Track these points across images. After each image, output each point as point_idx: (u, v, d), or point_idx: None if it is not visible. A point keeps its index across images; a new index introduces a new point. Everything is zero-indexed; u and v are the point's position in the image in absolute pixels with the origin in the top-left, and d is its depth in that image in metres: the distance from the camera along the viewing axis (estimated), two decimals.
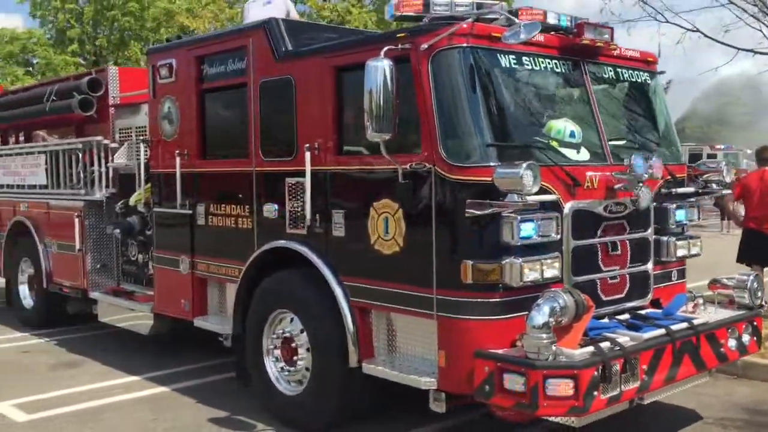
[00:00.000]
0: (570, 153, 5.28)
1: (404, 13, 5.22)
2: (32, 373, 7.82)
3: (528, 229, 4.76)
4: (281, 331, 6.07)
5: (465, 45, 4.97)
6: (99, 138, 8.53)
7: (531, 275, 4.82)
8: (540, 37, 5.21)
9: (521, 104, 5.30)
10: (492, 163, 4.81)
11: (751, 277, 6.00)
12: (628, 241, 5.54)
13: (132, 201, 8.04)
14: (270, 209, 6.15)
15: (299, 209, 5.88)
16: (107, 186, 8.57)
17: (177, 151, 7.04)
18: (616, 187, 5.38)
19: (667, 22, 9.29)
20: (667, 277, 6.02)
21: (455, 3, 5.17)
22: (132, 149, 8.54)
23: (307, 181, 5.73)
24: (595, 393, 4.53)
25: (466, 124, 4.89)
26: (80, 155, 8.72)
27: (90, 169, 8.64)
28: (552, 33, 5.53)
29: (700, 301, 5.90)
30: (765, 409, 6.49)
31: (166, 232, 7.43)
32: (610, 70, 5.85)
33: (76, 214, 8.73)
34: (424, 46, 4.95)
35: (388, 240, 5.24)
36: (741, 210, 9.60)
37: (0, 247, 10.52)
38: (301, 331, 5.90)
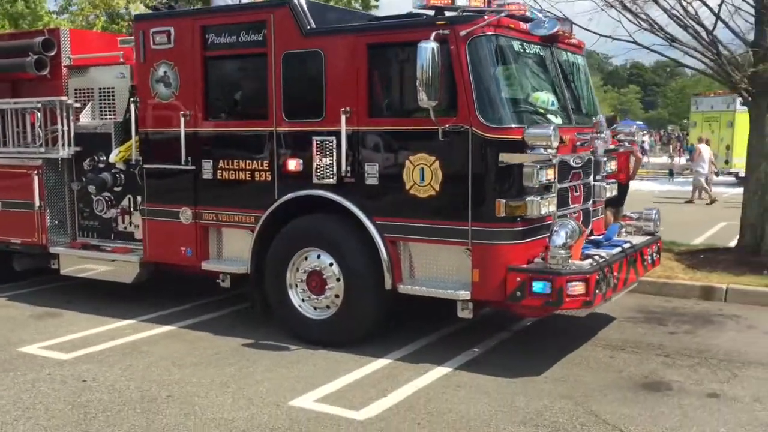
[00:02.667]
0: (553, 117, 6.95)
1: (434, 5, 6.56)
2: (21, 323, 8.08)
3: (543, 175, 6.36)
4: (308, 266, 7.20)
5: (492, 33, 6.42)
6: (63, 98, 8.83)
7: (544, 209, 6.44)
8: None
9: (524, 79, 6.86)
10: (514, 125, 6.34)
11: (654, 212, 8.11)
12: (582, 185, 7.36)
13: (113, 158, 8.54)
14: (293, 164, 7.20)
15: (328, 163, 7.00)
16: (69, 144, 8.92)
17: (181, 112, 7.77)
18: (578, 143, 7.16)
19: (543, 10, 11.22)
20: (597, 212, 7.96)
21: None
22: (96, 109, 9.01)
23: (343, 139, 6.86)
24: (597, 291, 6.29)
25: (498, 94, 6.37)
26: (38, 114, 8.94)
27: (51, 128, 8.91)
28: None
29: (623, 230, 7.91)
30: (652, 310, 8.74)
31: (161, 187, 8.11)
32: (566, 54, 7.58)
33: (35, 172, 8.99)
34: (463, 32, 6.32)
35: (424, 186, 6.58)
36: None
37: None
38: (330, 265, 7.08)
